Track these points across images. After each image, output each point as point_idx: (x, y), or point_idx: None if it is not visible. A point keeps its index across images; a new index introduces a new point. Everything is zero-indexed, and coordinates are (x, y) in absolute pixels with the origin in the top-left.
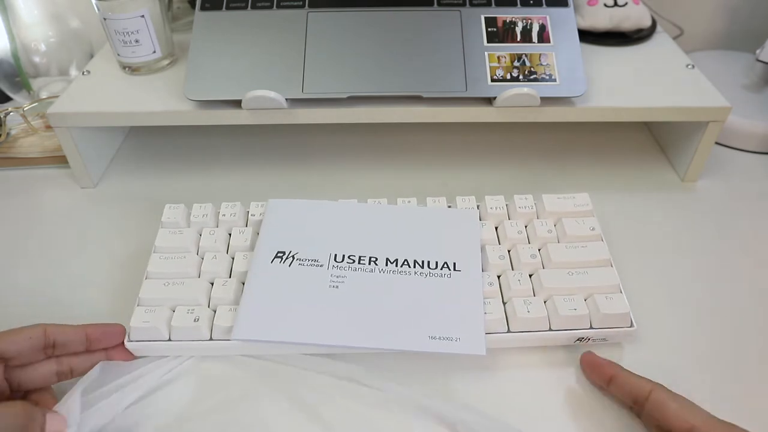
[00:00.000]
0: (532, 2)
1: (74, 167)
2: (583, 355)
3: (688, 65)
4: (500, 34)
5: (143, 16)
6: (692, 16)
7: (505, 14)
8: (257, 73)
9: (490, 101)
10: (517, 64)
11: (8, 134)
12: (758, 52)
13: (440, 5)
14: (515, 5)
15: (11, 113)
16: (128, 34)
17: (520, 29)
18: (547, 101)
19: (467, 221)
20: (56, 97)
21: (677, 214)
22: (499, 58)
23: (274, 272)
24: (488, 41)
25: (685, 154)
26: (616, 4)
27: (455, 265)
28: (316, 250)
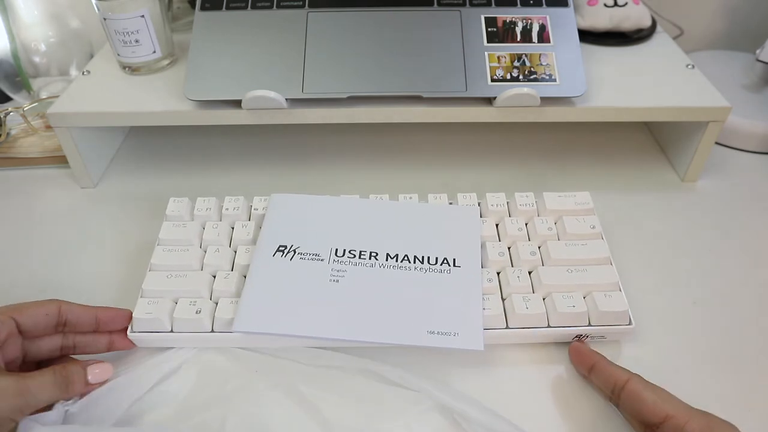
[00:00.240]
0: (532, 2)
1: (74, 167)
2: (572, 343)
3: (688, 65)
4: (500, 34)
5: (143, 16)
6: (692, 16)
7: (505, 14)
8: (257, 73)
9: (490, 101)
10: (517, 64)
11: (8, 134)
12: (758, 52)
13: (440, 5)
14: (515, 5)
15: (11, 113)
16: (128, 34)
17: (520, 29)
18: (547, 101)
19: (468, 218)
20: (56, 97)
21: (677, 213)
22: (499, 58)
23: (275, 266)
24: (488, 41)
25: (685, 154)
26: (616, 4)
27: (455, 261)
28: (317, 244)
